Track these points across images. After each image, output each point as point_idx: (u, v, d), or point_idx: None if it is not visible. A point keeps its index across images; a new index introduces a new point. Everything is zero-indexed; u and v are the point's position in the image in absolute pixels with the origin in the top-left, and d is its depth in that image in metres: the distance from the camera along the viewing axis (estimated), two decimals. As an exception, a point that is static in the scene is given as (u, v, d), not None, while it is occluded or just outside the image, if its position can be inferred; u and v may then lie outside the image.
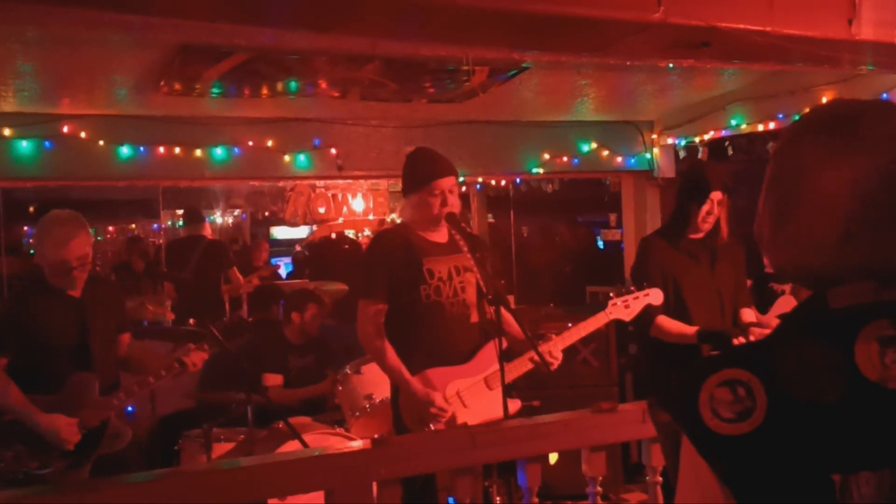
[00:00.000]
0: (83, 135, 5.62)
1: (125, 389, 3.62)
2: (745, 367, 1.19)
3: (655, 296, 3.88)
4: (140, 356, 3.87)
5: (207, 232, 8.02)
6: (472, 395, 3.52)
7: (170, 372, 3.65)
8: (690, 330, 3.98)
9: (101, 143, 5.67)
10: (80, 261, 3.63)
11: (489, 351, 3.56)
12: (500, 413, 3.33)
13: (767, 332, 3.83)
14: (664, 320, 4.03)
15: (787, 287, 5.02)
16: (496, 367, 3.46)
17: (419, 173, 3.59)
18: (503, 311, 3.44)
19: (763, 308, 4.87)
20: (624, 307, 3.82)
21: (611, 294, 3.87)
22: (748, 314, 4.22)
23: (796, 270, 1.26)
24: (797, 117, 4.52)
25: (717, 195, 4.03)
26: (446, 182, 3.56)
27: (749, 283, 4.65)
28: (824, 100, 5.58)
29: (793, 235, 1.24)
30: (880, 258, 1.19)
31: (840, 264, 1.20)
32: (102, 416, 3.58)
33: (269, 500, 2.52)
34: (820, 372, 1.15)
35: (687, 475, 1.21)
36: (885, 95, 5.29)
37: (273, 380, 5.35)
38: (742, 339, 3.84)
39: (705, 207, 4.04)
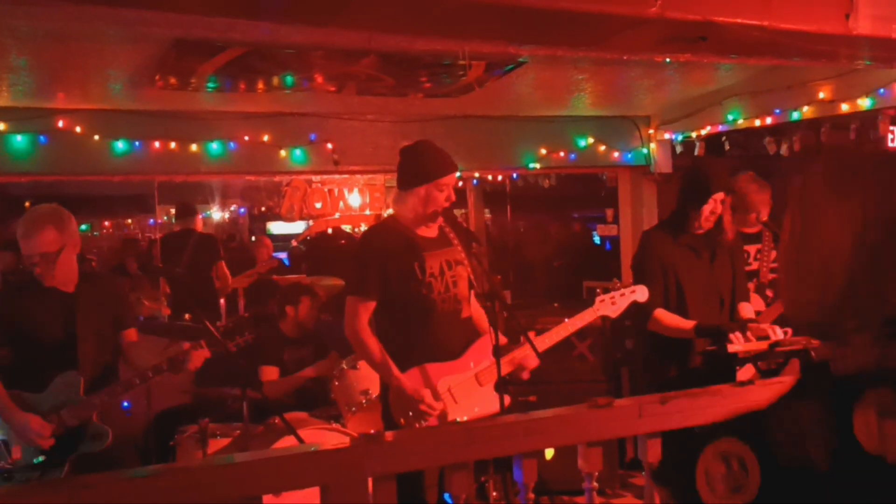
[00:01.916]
0: (78, 129, 5.61)
1: (108, 390, 3.57)
2: (740, 436, 1.19)
3: (641, 293, 3.88)
4: (134, 352, 3.83)
5: (199, 226, 8.00)
6: (463, 391, 3.51)
7: (158, 373, 3.61)
8: (688, 324, 3.98)
9: (96, 137, 5.66)
10: (43, 257, 3.56)
11: (480, 346, 3.56)
12: (491, 408, 3.33)
13: (765, 327, 3.84)
14: (662, 314, 4.03)
15: (752, 285, 5.01)
16: (486, 362, 3.46)
17: (427, 167, 3.56)
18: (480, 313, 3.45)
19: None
20: (611, 303, 3.82)
21: (598, 290, 3.88)
22: (746, 309, 4.22)
23: (805, 320, 1.30)
24: (795, 114, 4.52)
25: (719, 196, 4.04)
26: (452, 178, 3.57)
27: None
28: (821, 95, 5.59)
29: (801, 287, 1.27)
30: (884, 308, 1.20)
31: (845, 314, 1.21)
32: (83, 416, 3.54)
33: (265, 497, 2.51)
34: (814, 441, 1.14)
35: None
36: (881, 91, 5.29)
37: (270, 373, 5.35)
38: (738, 335, 3.83)
39: (708, 207, 4.04)
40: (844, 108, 5.54)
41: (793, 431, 1.14)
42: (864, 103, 5.43)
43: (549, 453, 4.84)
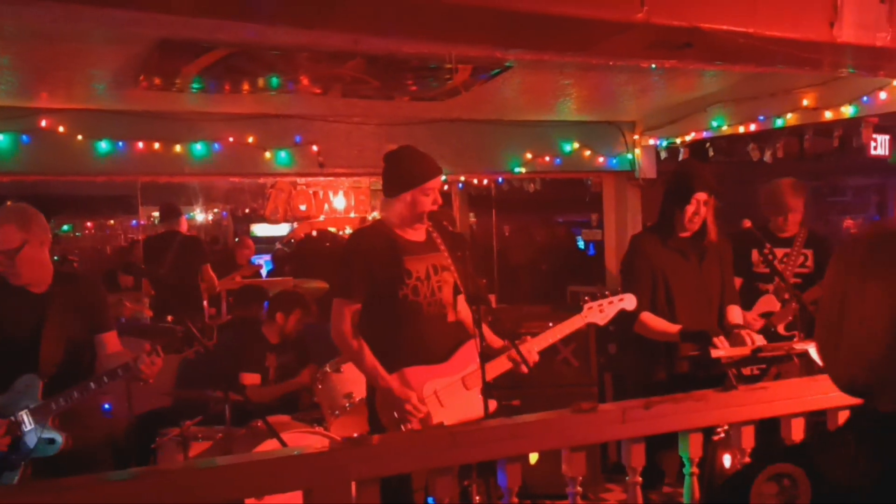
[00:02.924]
0: (61, 129, 5.56)
1: (64, 394, 3.48)
2: (792, 461, 1.24)
3: (630, 301, 3.89)
4: (107, 355, 3.77)
5: (184, 227, 7.95)
6: (449, 394, 3.51)
7: (112, 378, 3.50)
8: (673, 328, 3.99)
9: (80, 137, 5.62)
10: (4, 254, 3.49)
11: (467, 350, 3.56)
12: (476, 412, 3.32)
13: (752, 332, 3.87)
14: (648, 317, 4.04)
15: (771, 286, 5.05)
16: (473, 366, 3.45)
17: (412, 172, 3.57)
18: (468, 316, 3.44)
19: (747, 306, 4.90)
20: (599, 311, 3.83)
21: (586, 297, 3.88)
22: (734, 312, 4.23)
23: (848, 384, 1.33)
24: (779, 121, 4.54)
25: (701, 196, 4.05)
26: (437, 181, 3.57)
27: (738, 281, 4.68)
28: (805, 102, 5.62)
29: (842, 354, 1.33)
30: None
31: (885, 378, 1.28)
32: (38, 419, 3.45)
33: (247, 500, 2.49)
34: (864, 473, 1.20)
35: None
36: (865, 98, 5.33)
37: (251, 379, 5.32)
38: (724, 339, 3.85)
39: (690, 208, 4.06)
40: (828, 115, 5.57)
41: (845, 459, 1.21)
42: (848, 111, 5.47)
43: (534, 458, 4.85)
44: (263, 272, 10.68)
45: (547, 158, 7.01)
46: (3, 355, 3.54)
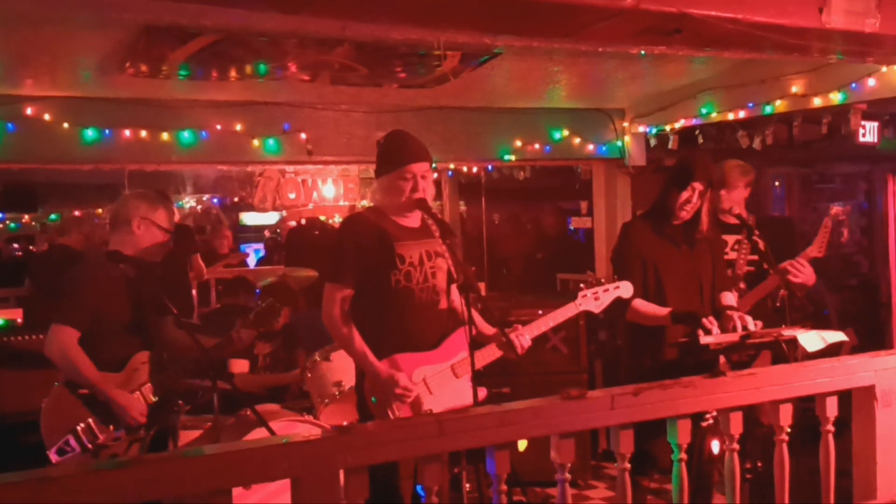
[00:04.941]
0: (47, 117, 5.53)
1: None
2: None
3: (626, 289, 3.89)
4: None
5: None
6: (439, 381, 3.50)
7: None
8: (663, 311, 4.00)
9: (66, 125, 5.58)
10: None
11: (457, 338, 3.55)
12: (466, 400, 3.32)
13: (744, 315, 3.87)
14: (639, 303, 4.05)
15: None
16: (464, 354, 3.45)
17: (392, 156, 3.54)
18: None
19: None
20: (594, 299, 3.82)
21: (581, 285, 3.87)
22: (728, 298, 4.24)
23: None
24: (768, 108, 4.56)
25: (698, 185, 4.05)
26: (419, 167, 3.52)
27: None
28: (794, 89, 5.63)
29: None
30: None
31: None
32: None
33: (234, 489, 2.48)
34: None
35: None
36: (853, 85, 5.33)
37: (239, 366, 5.30)
38: (713, 321, 3.85)
39: (685, 194, 4.06)
40: (817, 102, 5.58)
41: None
42: (837, 98, 5.47)
43: (522, 445, 4.85)
44: (252, 261, 10.64)
45: (536, 146, 7.00)
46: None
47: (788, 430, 3.30)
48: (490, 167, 8.46)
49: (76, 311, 3.69)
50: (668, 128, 6.79)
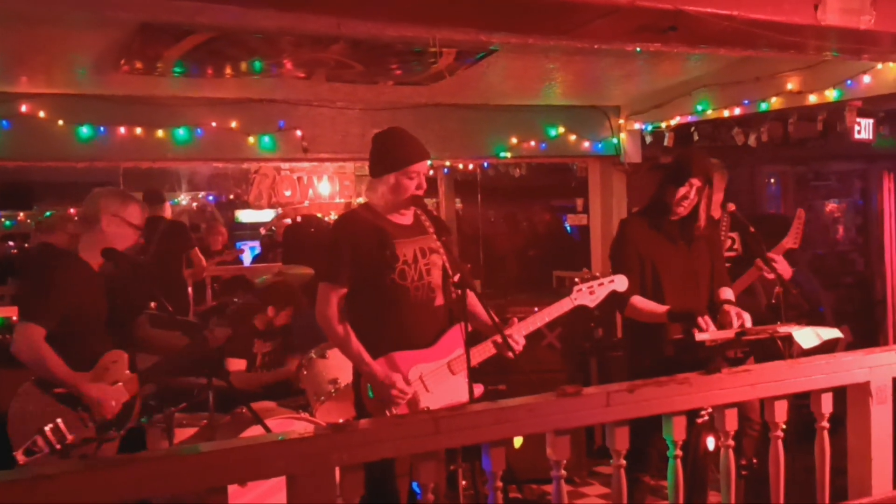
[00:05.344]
0: (42, 114, 5.51)
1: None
2: None
3: (620, 282, 3.88)
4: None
5: (167, 213, 7.90)
6: (435, 379, 3.50)
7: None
8: (661, 309, 4.01)
9: (61, 122, 5.57)
10: None
11: (453, 335, 3.54)
12: (463, 397, 3.32)
13: (737, 311, 3.88)
14: (637, 300, 4.05)
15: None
16: (460, 351, 3.44)
17: (396, 154, 3.53)
18: (470, 295, 3.43)
19: None
20: (589, 293, 3.81)
21: (576, 280, 3.86)
22: (727, 293, 4.24)
23: None
24: (763, 105, 4.57)
25: (696, 182, 4.06)
26: (422, 165, 3.53)
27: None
28: (789, 86, 5.63)
29: None
30: None
31: None
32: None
33: (230, 487, 2.48)
34: None
35: None
36: (849, 82, 5.34)
37: (236, 364, 5.30)
38: (709, 319, 3.86)
39: (682, 190, 4.06)
40: (812, 99, 5.59)
41: None
42: (832, 95, 5.48)
43: (518, 442, 4.85)
44: (248, 258, 10.64)
45: (532, 143, 7.00)
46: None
47: (783, 426, 3.31)
48: (486, 164, 8.47)
49: (43, 310, 3.65)
50: (663, 125, 6.79)
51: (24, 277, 6.67)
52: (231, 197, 10.76)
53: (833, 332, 3.88)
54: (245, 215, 12.81)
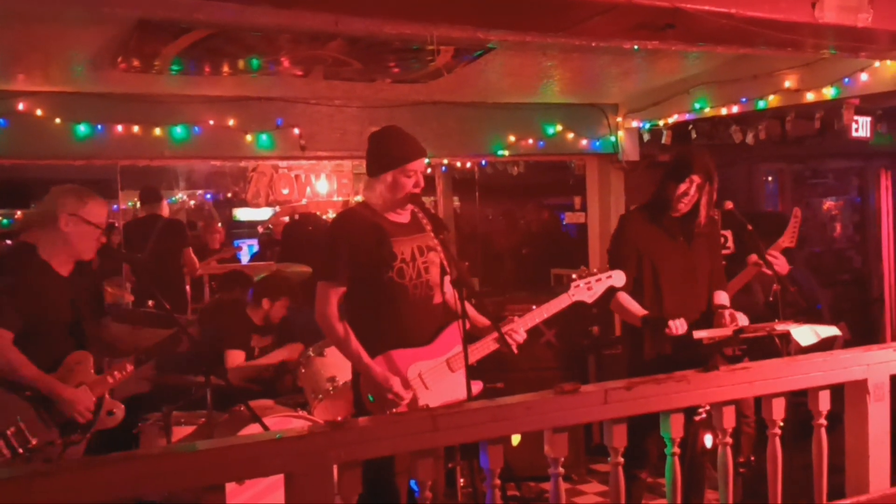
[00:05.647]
0: (39, 112, 5.50)
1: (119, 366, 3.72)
2: None
3: (618, 278, 3.89)
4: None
5: (165, 211, 7.89)
6: (434, 376, 3.50)
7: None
8: (639, 312, 4.03)
9: (58, 120, 5.55)
10: None
11: (452, 332, 3.55)
12: (462, 395, 3.32)
13: (735, 312, 3.89)
14: (622, 296, 4.07)
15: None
16: (458, 348, 3.45)
17: (393, 153, 3.53)
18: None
19: None
20: (587, 289, 3.82)
21: (574, 276, 3.86)
22: (721, 297, 4.24)
23: None
24: (761, 103, 4.58)
25: (696, 178, 4.07)
26: (420, 163, 3.54)
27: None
28: (787, 84, 5.63)
29: None
30: None
31: None
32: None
33: (228, 485, 2.48)
34: None
35: None
36: (846, 80, 5.34)
37: (236, 357, 5.31)
38: (684, 322, 3.87)
39: (683, 186, 4.07)
40: (810, 97, 5.59)
41: None
42: (829, 92, 5.48)
43: (516, 439, 4.85)
44: (245, 256, 10.62)
45: (530, 141, 7.00)
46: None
47: (781, 424, 3.31)
48: (484, 162, 8.46)
49: (9, 313, 3.55)
50: (661, 123, 6.79)
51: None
52: (229, 195, 10.73)
53: (831, 330, 3.89)
54: (243, 213, 12.78)
